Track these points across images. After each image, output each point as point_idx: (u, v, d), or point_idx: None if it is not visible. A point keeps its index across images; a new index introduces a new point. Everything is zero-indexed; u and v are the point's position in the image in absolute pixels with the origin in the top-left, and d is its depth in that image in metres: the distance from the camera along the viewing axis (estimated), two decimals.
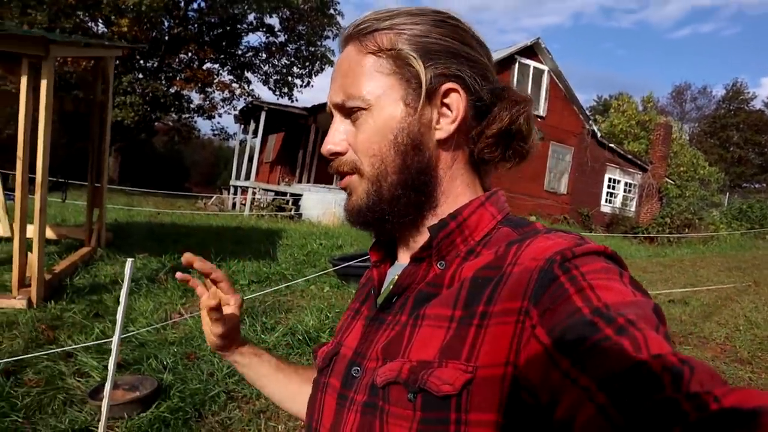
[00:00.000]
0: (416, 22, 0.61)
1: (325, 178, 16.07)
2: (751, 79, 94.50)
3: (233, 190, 16.11)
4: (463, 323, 0.52)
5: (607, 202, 18.07)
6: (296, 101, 24.26)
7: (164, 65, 21.79)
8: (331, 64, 23.81)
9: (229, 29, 22.62)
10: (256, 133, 16.09)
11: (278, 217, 12.77)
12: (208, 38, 22.53)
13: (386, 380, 0.54)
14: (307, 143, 16.49)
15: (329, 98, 0.65)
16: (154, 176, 24.57)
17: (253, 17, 22.68)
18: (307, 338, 3.69)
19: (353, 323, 0.69)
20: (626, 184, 18.57)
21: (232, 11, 21.13)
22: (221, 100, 24.19)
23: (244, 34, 23.60)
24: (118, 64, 6.14)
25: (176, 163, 31.95)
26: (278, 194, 14.63)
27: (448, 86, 0.61)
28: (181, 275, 0.75)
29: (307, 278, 5.39)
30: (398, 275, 0.63)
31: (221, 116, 39.03)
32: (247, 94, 23.85)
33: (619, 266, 0.51)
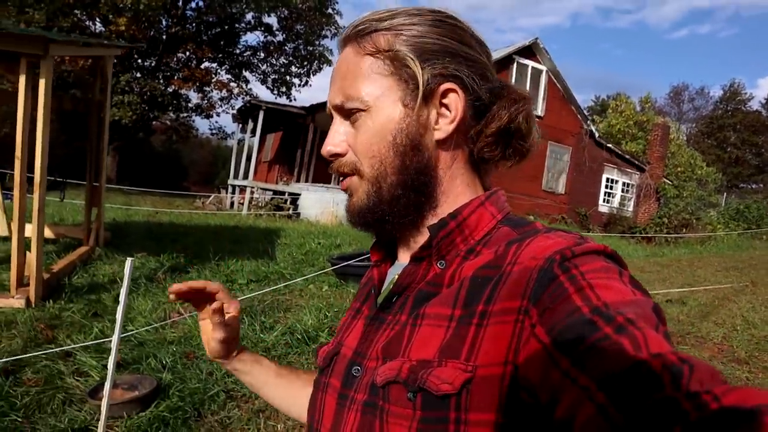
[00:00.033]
0: (414, 22, 0.61)
1: (323, 177, 16.06)
2: (748, 80, 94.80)
3: (231, 189, 16.07)
4: (462, 322, 0.52)
5: (604, 202, 18.09)
6: (294, 100, 24.30)
7: (162, 64, 21.76)
8: (329, 63, 23.80)
9: (227, 28, 22.58)
10: (254, 132, 16.07)
11: (276, 216, 12.76)
12: (206, 37, 22.50)
13: (386, 379, 0.54)
14: (305, 142, 16.47)
15: (329, 100, 0.65)
16: (151, 175, 24.50)
17: (251, 16, 22.67)
18: (306, 337, 3.69)
19: (354, 323, 0.69)
20: (624, 184, 18.59)
21: (230, 10, 21.10)
22: (219, 99, 24.20)
23: (242, 33, 23.56)
24: (116, 63, 6.12)
25: (174, 162, 31.87)
26: (276, 193, 14.63)
27: (446, 86, 0.61)
28: (174, 294, 0.75)
29: (305, 277, 5.39)
30: (398, 275, 0.63)
31: (219, 115, 38.91)
32: (245, 93, 23.85)
33: (618, 265, 0.51)
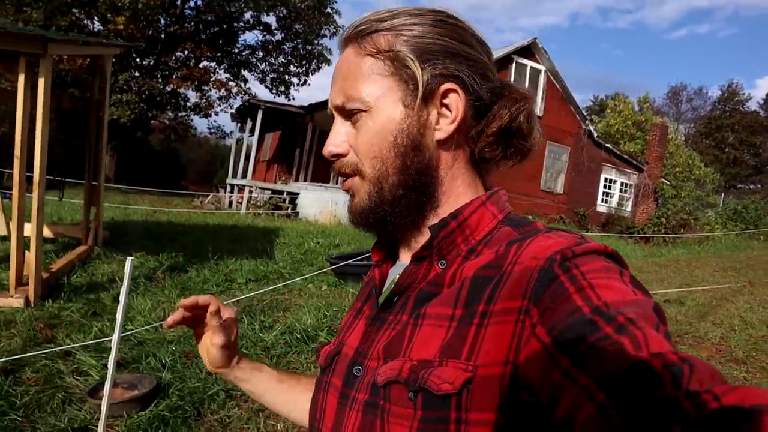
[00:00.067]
0: (415, 22, 0.61)
1: (321, 176, 16.05)
2: (746, 80, 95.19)
3: (230, 188, 16.06)
4: (463, 322, 0.52)
5: (603, 201, 18.12)
6: (293, 100, 24.27)
7: (161, 63, 21.73)
8: (328, 62, 23.80)
9: (225, 27, 22.54)
10: (252, 131, 16.06)
11: (275, 215, 12.76)
12: (204, 36, 22.46)
13: (387, 379, 0.54)
14: (303, 142, 16.45)
15: (330, 100, 0.65)
16: (150, 174, 24.49)
17: (249, 15, 22.64)
18: (305, 337, 3.70)
19: (355, 323, 0.68)
20: (622, 184, 18.62)
21: (228, 9, 21.08)
22: (218, 98, 24.19)
23: (240, 32, 23.53)
24: (114, 62, 6.12)
25: (172, 161, 31.84)
26: (275, 193, 14.62)
27: (446, 86, 0.60)
28: (169, 326, 0.78)
29: (304, 277, 5.39)
30: (399, 275, 0.63)
31: (218, 114, 39.07)
32: (243, 92, 23.84)
33: (619, 265, 0.51)
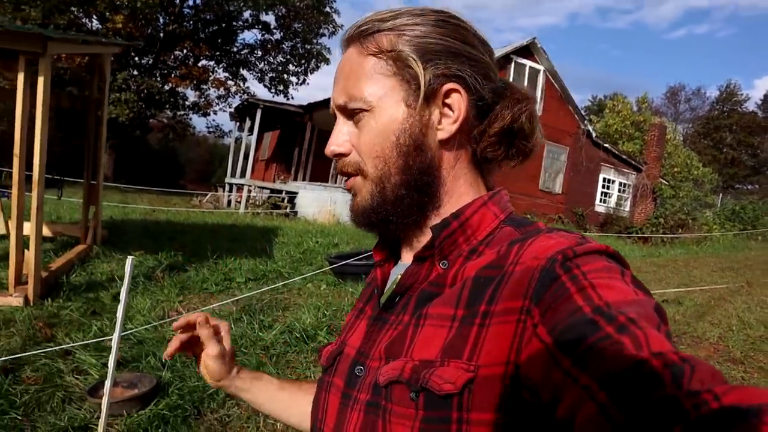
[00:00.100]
0: (417, 22, 0.61)
1: (320, 176, 16.04)
2: (744, 80, 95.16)
3: (228, 187, 16.05)
4: (465, 322, 0.52)
5: (601, 201, 18.15)
6: (292, 99, 24.24)
7: (159, 62, 21.70)
8: (327, 62, 23.78)
9: (224, 26, 22.55)
10: (251, 130, 16.06)
11: (273, 214, 12.76)
12: (203, 35, 22.45)
13: (389, 379, 0.55)
14: (302, 141, 16.45)
15: (332, 100, 0.65)
16: (148, 173, 24.50)
17: (248, 14, 22.62)
18: (304, 336, 3.70)
19: (357, 323, 0.69)
20: (621, 184, 18.65)
21: (227, 8, 21.07)
22: (216, 97, 24.19)
23: (239, 31, 23.53)
24: (113, 60, 6.11)
25: (171, 160, 31.85)
26: (273, 192, 14.62)
27: (449, 86, 0.61)
28: (170, 356, 0.79)
29: (304, 276, 5.40)
30: (401, 275, 0.63)
31: (216, 113, 38.86)
32: (242, 91, 23.84)
33: (620, 265, 0.51)
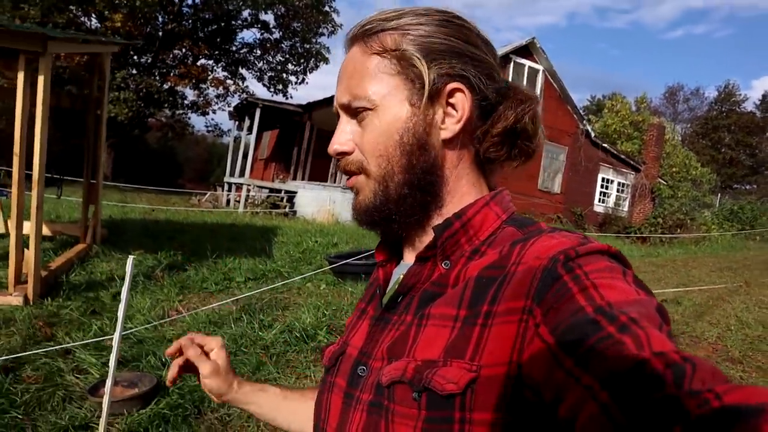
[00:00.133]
0: (421, 22, 0.61)
1: (319, 175, 16.04)
2: (743, 81, 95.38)
3: (227, 186, 16.04)
4: (467, 323, 0.52)
5: (600, 201, 18.17)
6: (291, 98, 24.21)
7: (158, 61, 21.68)
8: (326, 61, 23.76)
9: (223, 25, 22.52)
10: (250, 129, 16.05)
11: (273, 214, 12.76)
12: (202, 34, 22.42)
13: (391, 379, 0.55)
14: (301, 140, 16.44)
15: (336, 98, 0.66)
16: (147, 172, 24.48)
17: (247, 13, 22.61)
18: (304, 335, 3.70)
19: (359, 323, 0.69)
20: (619, 183, 18.68)
21: (226, 7, 21.04)
22: (215, 96, 24.16)
23: (238, 30, 23.51)
24: (111, 59, 6.10)
25: (169, 159, 31.85)
26: (273, 191, 14.61)
27: (452, 86, 0.61)
28: (171, 382, 0.81)
29: (303, 276, 5.40)
30: (403, 275, 0.64)
31: (215, 113, 38.83)
32: (241, 90, 23.81)
33: (622, 265, 0.51)
